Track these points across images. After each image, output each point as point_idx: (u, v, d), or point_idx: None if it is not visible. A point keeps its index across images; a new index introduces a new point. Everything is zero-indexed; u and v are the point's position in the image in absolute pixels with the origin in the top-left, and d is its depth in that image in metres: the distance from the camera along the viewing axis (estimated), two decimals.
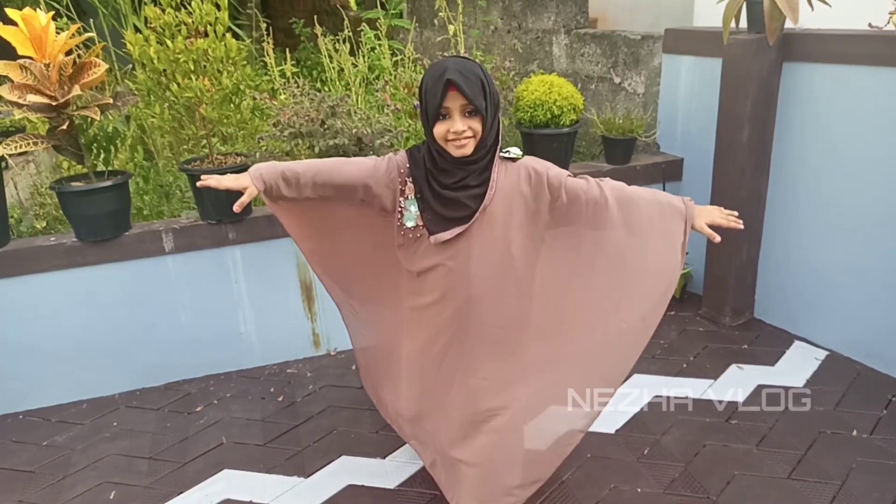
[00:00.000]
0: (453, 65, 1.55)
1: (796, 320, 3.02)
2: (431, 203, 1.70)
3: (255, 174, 1.74)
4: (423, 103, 1.61)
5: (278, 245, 2.82)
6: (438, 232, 1.71)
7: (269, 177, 1.75)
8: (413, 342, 1.92)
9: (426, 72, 1.63)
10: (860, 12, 2.74)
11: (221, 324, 2.87)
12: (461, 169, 1.66)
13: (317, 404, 2.69)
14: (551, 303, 1.84)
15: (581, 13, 3.89)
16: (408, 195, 1.73)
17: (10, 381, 2.67)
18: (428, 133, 1.64)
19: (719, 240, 1.85)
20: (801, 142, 2.83)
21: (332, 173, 1.76)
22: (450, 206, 1.69)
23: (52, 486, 2.30)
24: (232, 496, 2.22)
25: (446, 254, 1.73)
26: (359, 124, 2.63)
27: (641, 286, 1.83)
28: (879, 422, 2.41)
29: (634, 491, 2.15)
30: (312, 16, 4.25)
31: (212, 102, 2.75)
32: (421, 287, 1.82)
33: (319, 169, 1.76)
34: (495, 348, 1.83)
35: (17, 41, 2.26)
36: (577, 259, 1.80)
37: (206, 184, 1.74)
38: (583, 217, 1.75)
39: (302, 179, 1.75)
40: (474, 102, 1.55)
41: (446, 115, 1.58)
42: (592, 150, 3.61)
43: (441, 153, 1.65)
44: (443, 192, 1.68)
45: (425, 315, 1.85)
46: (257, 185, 1.74)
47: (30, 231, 2.88)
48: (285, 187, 1.76)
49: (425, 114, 1.61)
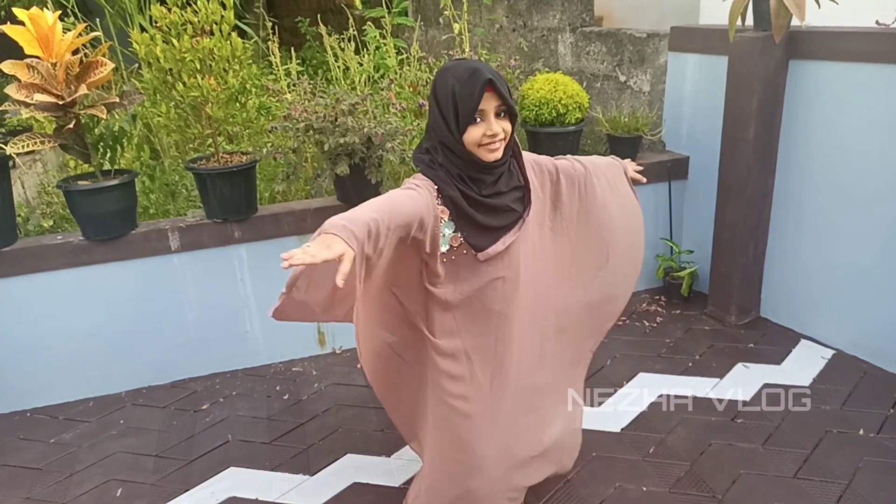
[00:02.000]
0: (478, 66, 1.48)
1: (803, 319, 3.01)
2: (475, 217, 1.57)
3: (344, 234, 1.31)
4: (453, 108, 1.49)
5: (284, 243, 2.83)
6: (486, 246, 1.60)
7: (359, 232, 1.34)
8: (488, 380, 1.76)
9: (445, 76, 1.51)
10: (867, 10, 2.73)
11: (227, 322, 2.88)
12: (490, 174, 1.57)
13: (322, 402, 2.69)
14: (563, 277, 1.90)
15: (586, 11, 3.88)
16: (442, 219, 1.57)
17: (17, 378, 2.69)
18: (455, 140, 1.51)
19: (645, 181, 2.05)
20: (808, 140, 2.81)
21: (396, 212, 1.45)
22: (496, 214, 1.60)
23: (59, 484, 2.31)
24: (238, 494, 2.22)
25: (497, 266, 1.64)
26: (370, 124, 2.63)
27: (625, 233, 1.96)
28: (886, 421, 2.40)
29: (640, 490, 2.14)
30: (318, 15, 4.26)
31: (218, 101, 2.76)
32: (469, 315, 1.68)
33: (384, 209, 1.43)
34: (544, 343, 1.89)
35: (25, 40, 2.27)
36: (574, 230, 1.87)
37: (296, 262, 1.23)
38: (577, 189, 1.83)
39: (381, 227, 1.40)
40: (508, 102, 1.51)
41: (480, 119, 1.50)
42: (598, 149, 3.60)
43: (470, 160, 1.54)
44: (486, 200, 1.57)
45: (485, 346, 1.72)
46: (352, 244, 1.31)
47: (37, 230, 2.90)
48: (368, 243, 1.38)
49: (455, 119, 1.49)
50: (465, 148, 1.52)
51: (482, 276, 1.65)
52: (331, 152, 2.59)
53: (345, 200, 2.84)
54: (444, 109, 1.51)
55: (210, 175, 2.63)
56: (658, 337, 3.05)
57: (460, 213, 1.56)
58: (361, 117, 2.63)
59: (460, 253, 1.61)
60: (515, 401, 1.83)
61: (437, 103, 1.53)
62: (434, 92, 1.54)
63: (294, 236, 2.84)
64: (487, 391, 1.76)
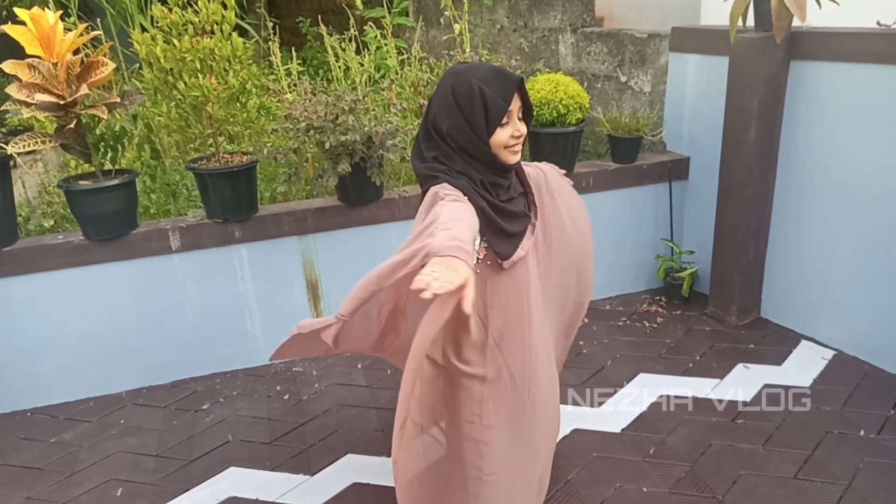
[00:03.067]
0: (498, 67, 1.48)
1: (803, 320, 3.01)
2: (501, 225, 1.53)
3: (465, 256, 1.22)
4: (482, 110, 1.44)
5: (284, 243, 2.83)
6: (510, 252, 1.57)
7: (466, 256, 1.24)
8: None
9: (465, 78, 1.45)
10: (868, 10, 2.73)
11: (228, 322, 2.88)
12: (506, 178, 1.55)
13: (322, 402, 2.69)
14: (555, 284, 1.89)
15: (587, 11, 3.88)
16: None
17: (18, 378, 2.69)
18: (480, 143, 1.47)
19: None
20: (809, 140, 2.81)
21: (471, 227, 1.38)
22: (514, 220, 1.58)
23: (59, 483, 2.31)
24: (238, 493, 2.22)
25: (517, 274, 1.62)
26: (370, 123, 2.63)
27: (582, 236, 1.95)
28: (887, 422, 2.40)
29: (640, 490, 2.14)
30: (319, 15, 4.26)
31: (218, 101, 2.76)
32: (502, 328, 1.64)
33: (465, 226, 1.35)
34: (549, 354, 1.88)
35: (26, 40, 2.27)
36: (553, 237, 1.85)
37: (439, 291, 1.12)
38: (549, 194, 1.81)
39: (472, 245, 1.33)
40: (530, 103, 1.50)
41: (507, 120, 1.48)
42: (598, 149, 3.60)
43: (494, 164, 1.50)
44: (506, 206, 1.54)
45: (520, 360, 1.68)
46: (471, 264, 1.23)
47: (37, 229, 2.90)
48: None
49: (484, 121, 1.45)
50: (491, 151, 1.48)
51: (507, 285, 1.61)
52: (332, 151, 2.59)
53: (345, 201, 2.84)
54: (467, 112, 1.45)
55: (211, 175, 2.63)
56: (658, 337, 3.05)
57: (487, 222, 1.51)
58: (362, 115, 2.63)
59: (484, 264, 1.57)
60: (537, 419, 1.77)
61: (458, 107, 1.45)
62: (451, 96, 1.46)
63: (294, 236, 2.84)
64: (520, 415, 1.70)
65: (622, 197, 3.32)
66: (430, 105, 1.54)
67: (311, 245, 2.88)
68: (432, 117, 1.53)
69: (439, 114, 1.50)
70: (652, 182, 3.35)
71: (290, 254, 2.86)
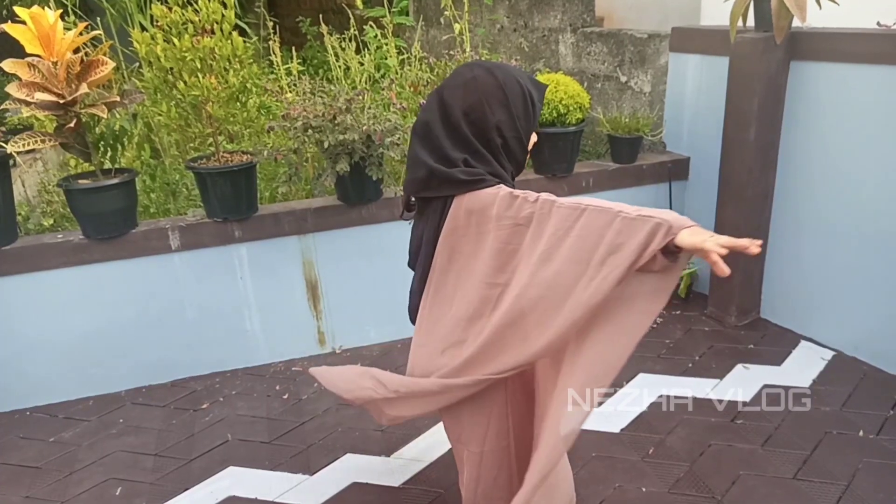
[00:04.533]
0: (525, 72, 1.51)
1: (803, 320, 3.01)
2: None
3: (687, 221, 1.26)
4: (531, 111, 1.45)
5: (284, 243, 2.83)
6: None
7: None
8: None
9: (513, 77, 1.42)
10: (868, 11, 2.73)
11: (227, 321, 2.88)
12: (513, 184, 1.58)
13: (322, 402, 2.69)
14: None
15: (587, 11, 3.88)
16: None
17: (17, 377, 2.69)
18: (523, 145, 1.50)
19: None
20: (809, 141, 2.81)
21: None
22: None
23: (58, 482, 2.31)
24: (237, 493, 2.22)
25: None
26: (369, 121, 2.63)
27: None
28: (886, 422, 2.40)
29: (639, 490, 2.14)
30: (319, 14, 4.26)
31: (218, 100, 2.76)
32: None
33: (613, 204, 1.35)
34: None
35: (26, 39, 2.27)
36: None
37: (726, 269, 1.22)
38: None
39: None
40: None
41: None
42: (598, 149, 3.60)
43: (519, 166, 1.54)
44: None
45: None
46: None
47: (37, 228, 2.90)
48: None
49: (527, 123, 1.46)
50: (526, 151, 1.51)
51: None
52: (331, 150, 2.59)
53: (345, 200, 2.84)
54: (518, 109, 1.42)
55: (211, 174, 2.63)
56: (658, 337, 3.05)
57: None
58: (360, 114, 2.63)
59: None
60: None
61: (510, 102, 1.41)
62: (502, 91, 1.40)
63: (294, 236, 2.84)
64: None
65: (622, 197, 3.27)
66: (462, 99, 1.41)
67: (311, 244, 2.88)
68: (473, 112, 1.41)
69: (483, 107, 1.40)
70: (652, 182, 3.35)
71: (290, 253, 2.86)
